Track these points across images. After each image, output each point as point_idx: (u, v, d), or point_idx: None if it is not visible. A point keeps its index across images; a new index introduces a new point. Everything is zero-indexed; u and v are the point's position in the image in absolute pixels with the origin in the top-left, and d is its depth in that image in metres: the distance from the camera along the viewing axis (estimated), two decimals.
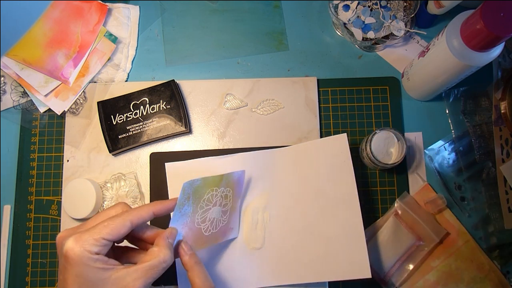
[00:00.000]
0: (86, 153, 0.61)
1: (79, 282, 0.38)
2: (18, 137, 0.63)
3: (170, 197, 0.57)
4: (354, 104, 0.63)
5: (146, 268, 0.40)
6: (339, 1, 0.64)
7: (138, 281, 0.39)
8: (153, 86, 0.62)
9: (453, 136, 0.62)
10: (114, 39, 0.64)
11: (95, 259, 0.38)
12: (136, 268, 0.39)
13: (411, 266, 0.58)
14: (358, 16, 0.63)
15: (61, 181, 0.61)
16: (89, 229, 0.39)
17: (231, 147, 0.62)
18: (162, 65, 0.65)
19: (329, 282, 0.57)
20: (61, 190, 0.61)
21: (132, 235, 0.44)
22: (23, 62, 0.61)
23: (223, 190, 0.50)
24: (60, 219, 0.60)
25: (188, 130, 0.61)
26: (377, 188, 0.61)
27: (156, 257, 0.41)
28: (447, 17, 0.61)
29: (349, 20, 0.63)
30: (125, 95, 0.62)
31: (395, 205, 0.59)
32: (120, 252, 0.45)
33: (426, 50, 0.55)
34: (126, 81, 0.65)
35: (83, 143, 0.62)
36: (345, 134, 0.57)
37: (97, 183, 0.59)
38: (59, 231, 0.59)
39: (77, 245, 0.38)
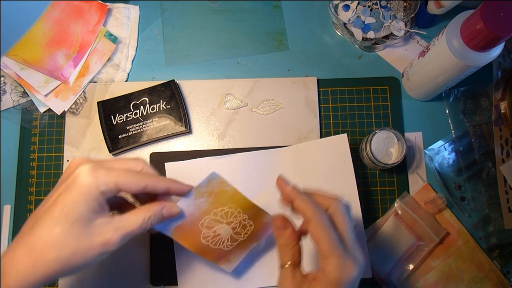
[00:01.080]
0: (86, 153, 0.61)
1: (70, 209, 0.37)
2: (18, 137, 0.62)
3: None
4: (354, 104, 0.63)
5: (127, 225, 0.39)
6: (339, 1, 0.64)
7: (115, 234, 0.38)
8: (153, 86, 0.62)
9: (453, 136, 0.62)
10: (114, 39, 0.64)
11: (96, 197, 0.38)
12: (117, 221, 0.39)
13: (411, 266, 0.58)
14: (358, 16, 0.63)
15: None
16: (108, 169, 0.39)
17: (231, 147, 0.61)
18: (162, 65, 0.65)
19: None
20: None
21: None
22: (23, 62, 0.61)
23: (246, 219, 0.48)
24: None
25: (188, 130, 0.61)
26: (377, 188, 0.61)
27: (140, 215, 0.40)
28: (447, 17, 0.61)
29: (349, 20, 0.63)
30: (125, 95, 0.62)
31: (395, 205, 0.59)
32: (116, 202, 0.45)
33: (426, 50, 0.55)
34: (126, 81, 0.65)
35: (83, 143, 0.62)
36: (345, 134, 0.57)
37: None
38: None
39: (91, 175, 0.38)
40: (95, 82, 0.64)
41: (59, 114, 0.62)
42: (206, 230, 0.47)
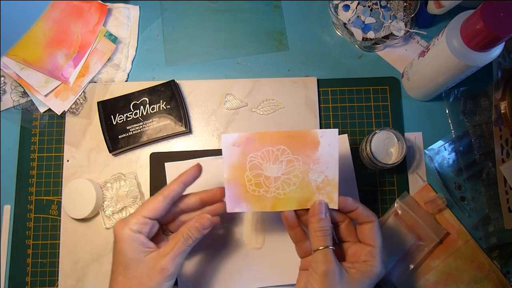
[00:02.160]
0: (86, 153, 0.61)
1: (119, 258, 0.44)
2: (18, 137, 0.62)
3: None
4: (354, 104, 0.63)
5: (173, 247, 0.44)
6: (339, 1, 0.64)
7: (166, 259, 0.44)
8: (153, 86, 0.62)
9: (453, 136, 0.62)
10: (114, 39, 0.64)
11: (134, 238, 0.43)
12: (163, 249, 0.45)
13: (411, 266, 0.58)
14: (358, 16, 0.63)
15: (61, 181, 0.61)
16: (133, 213, 0.45)
17: None
18: (162, 65, 0.65)
19: None
20: (61, 190, 0.61)
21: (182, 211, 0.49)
22: (23, 62, 0.61)
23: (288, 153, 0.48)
24: (60, 219, 0.60)
25: (188, 130, 0.61)
26: (377, 188, 0.61)
27: (180, 235, 0.45)
28: (447, 17, 0.61)
29: (349, 20, 0.63)
30: (125, 95, 0.62)
31: (395, 205, 0.59)
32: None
33: (426, 50, 0.55)
34: (126, 81, 0.65)
35: (83, 143, 0.62)
36: (346, 134, 0.57)
37: (97, 183, 0.59)
38: (59, 231, 0.59)
39: (122, 224, 0.44)
40: (95, 82, 0.64)
41: (59, 114, 0.62)
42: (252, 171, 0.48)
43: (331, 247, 0.44)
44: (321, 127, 0.62)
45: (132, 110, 0.61)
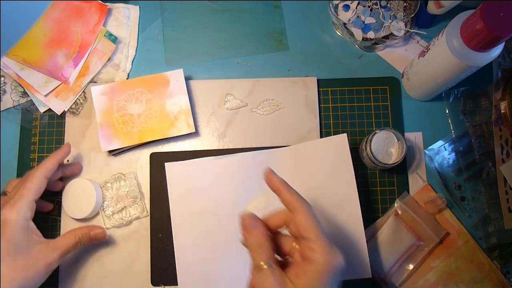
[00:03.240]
0: (86, 153, 0.61)
1: (8, 246, 0.44)
2: (18, 137, 0.62)
3: (170, 197, 0.57)
4: (354, 104, 0.63)
5: (63, 245, 0.49)
6: (339, 1, 0.64)
7: (54, 255, 0.47)
8: None
9: (453, 136, 0.62)
10: (114, 39, 0.64)
11: (27, 226, 0.46)
12: (54, 243, 0.48)
13: (411, 266, 0.58)
14: (358, 16, 0.63)
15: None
16: (20, 196, 0.47)
17: (231, 147, 0.61)
18: (162, 65, 0.65)
19: None
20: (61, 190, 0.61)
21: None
22: (23, 62, 0.61)
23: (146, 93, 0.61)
24: (60, 219, 0.60)
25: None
26: (377, 188, 0.61)
27: (73, 237, 0.50)
28: (447, 17, 0.61)
29: (349, 20, 0.63)
30: None
31: (395, 205, 0.59)
32: None
33: (426, 50, 0.55)
34: None
35: (83, 143, 0.62)
36: (345, 134, 0.57)
37: (97, 183, 0.59)
38: (59, 231, 0.59)
39: (14, 211, 0.45)
40: (95, 82, 0.64)
41: (59, 114, 0.62)
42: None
43: (263, 266, 0.38)
44: (321, 127, 0.62)
45: None
